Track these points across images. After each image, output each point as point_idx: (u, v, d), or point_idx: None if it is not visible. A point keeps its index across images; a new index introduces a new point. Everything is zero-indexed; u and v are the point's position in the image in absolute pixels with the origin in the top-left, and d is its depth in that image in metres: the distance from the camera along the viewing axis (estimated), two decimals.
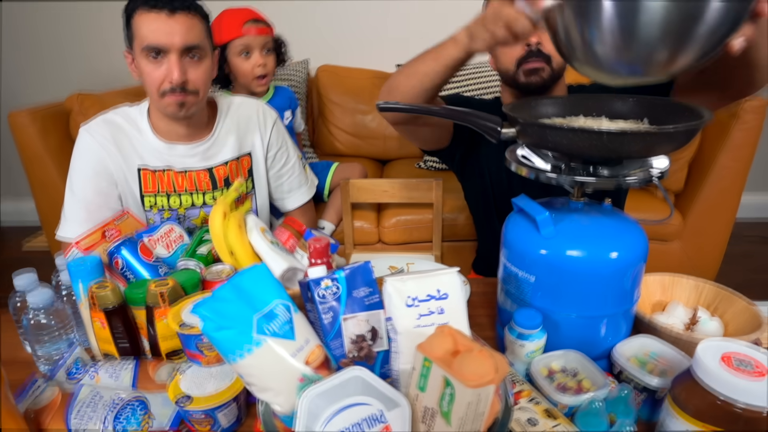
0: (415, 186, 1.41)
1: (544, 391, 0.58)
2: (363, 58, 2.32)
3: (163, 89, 0.93)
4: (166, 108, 0.95)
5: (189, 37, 0.91)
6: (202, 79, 0.96)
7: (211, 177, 1.06)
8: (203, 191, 1.05)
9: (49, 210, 1.65)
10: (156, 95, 0.94)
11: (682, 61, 0.53)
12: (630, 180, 0.60)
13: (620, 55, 0.54)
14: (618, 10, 0.50)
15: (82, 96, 1.59)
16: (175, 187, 1.04)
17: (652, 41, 0.51)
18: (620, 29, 0.51)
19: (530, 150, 0.70)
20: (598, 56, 0.55)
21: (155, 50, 0.90)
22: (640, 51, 0.53)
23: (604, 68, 0.57)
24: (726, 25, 0.50)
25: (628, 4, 0.50)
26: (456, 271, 0.56)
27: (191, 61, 0.94)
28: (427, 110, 0.68)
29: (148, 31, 0.90)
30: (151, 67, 0.92)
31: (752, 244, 2.36)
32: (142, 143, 1.01)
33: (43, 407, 0.56)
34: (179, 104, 0.94)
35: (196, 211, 1.07)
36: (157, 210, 1.04)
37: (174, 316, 0.60)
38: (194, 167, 1.04)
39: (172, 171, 1.03)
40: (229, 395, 0.56)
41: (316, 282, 0.51)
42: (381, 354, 0.54)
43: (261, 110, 1.13)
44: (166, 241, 0.82)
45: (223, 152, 1.06)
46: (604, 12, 0.51)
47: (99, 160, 0.99)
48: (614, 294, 0.62)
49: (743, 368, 0.44)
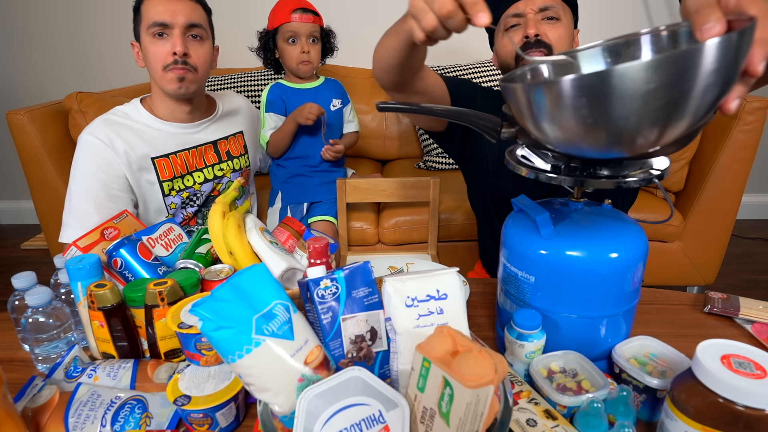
0: (412, 185, 1.41)
1: (543, 391, 0.58)
2: (363, 58, 2.32)
3: (165, 63, 1.01)
4: (167, 84, 1.03)
5: (192, 16, 1.02)
6: (203, 58, 1.05)
7: (216, 150, 1.18)
8: (211, 164, 1.18)
9: (47, 209, 1.65)
10: (159, 71, 1.02)
11: (669, 137, 0.44)
12: (630, 180, 0.60)
13: (591, 145, 0.46)
14: (584, 103, 0.41)
15: (81, 95, 1.59)
16: (187, 167, 1.13)
17: (628, 133, 0.42)
18: (590, 126, 0.42)
19: (530, 150, 0.70)
20: (564, 143, 0.48)
21: (160, 27, 0.99)
22: (614, 142, 0.44)
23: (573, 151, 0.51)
24: (713, 95, 0.40)
25: (594, 97, 0.40)
26: (456, 271, 0.56)
27: (193, 41, 1.03)
28: (427, 110, 0.68)
29: (154, 12, 0.99)
30: (155, 45, 1.01)
31: (753, 244, 2.36)
32: (151, 133, 1.08)
33: (41, 407, 0.55)
34: (179, 78, 1.02)
35: (209, 184, 1.19)
36: (177, 193, 1.12)
37: (173, 316, 0.60)
38: (203, 141, 1.15)
39: (184, 150, 1.12)
40: (228, 395, 0.55)
41: (316, 282, 0.51)
42: (380, 354, 0.54)
43: (245, 102, 1.35)
44: (164, 241, 0.82)
45: (223, 129, 1.21)
46: (565, 105, 0.41)
47: (104, 158, 1.01)
48: (614, 294, 0.62)
49: (743, 369, 0.44)
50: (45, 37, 2.46)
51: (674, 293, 0.86)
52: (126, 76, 2.46)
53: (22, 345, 0.75)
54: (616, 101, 0.39)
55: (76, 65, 2.50)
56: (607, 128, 0.42)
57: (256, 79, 2.10)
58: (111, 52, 2.47)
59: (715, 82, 0.39)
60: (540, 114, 0.45)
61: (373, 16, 2.37)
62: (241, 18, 2.35)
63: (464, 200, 1.74)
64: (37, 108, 1.57)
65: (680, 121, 0.42)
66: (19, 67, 2.52)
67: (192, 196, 1.15)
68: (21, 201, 2.76)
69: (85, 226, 0.94)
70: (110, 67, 2.49)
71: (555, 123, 0.45)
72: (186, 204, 1.15)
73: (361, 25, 2.39)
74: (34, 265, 2.25)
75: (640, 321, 0.76)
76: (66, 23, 2.42)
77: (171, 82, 1.02)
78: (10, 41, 2.46)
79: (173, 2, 0.99)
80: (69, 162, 1.02)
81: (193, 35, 1.03)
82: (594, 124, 0.42)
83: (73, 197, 1.00)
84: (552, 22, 0.92)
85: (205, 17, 1.07)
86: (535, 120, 0.46)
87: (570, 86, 0.40)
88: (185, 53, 1.01)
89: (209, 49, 1.07)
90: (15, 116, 1.51)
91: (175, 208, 1.13)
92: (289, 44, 1.52)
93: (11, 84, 2.55)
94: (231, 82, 2.12)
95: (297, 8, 1.48)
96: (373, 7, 2.35)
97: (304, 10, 1.49)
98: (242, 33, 2.07)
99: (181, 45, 1.00)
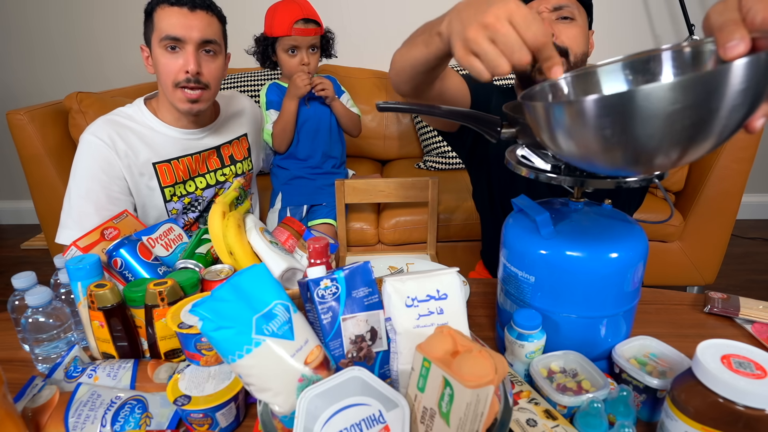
0: (411, 185, 1.41)
1: (543, 391, 0.58)
2: (363, 58, 2.32)
3: (177, 80, 0.97)
4: (178, 103, 1.00)
5: (207, 32, 0.97)
6: (214, 75, 1.02)
7: (219, 155, 1.16)
8: (214, 169, 1.15)
9: (47, 209, 1.65)
10: (170, 86, 0.98)
11: (690, 158, 0.43)
12: (630, 180, 0.60)
13: (608, 164, 0.45)
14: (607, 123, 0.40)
15: (81, 95, 1.59)
16: (189, 172, 1.10)
17: (648, 153, 0.41)
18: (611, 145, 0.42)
19: (530, 150, 0.70)
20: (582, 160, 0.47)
21: (173, 41, 0.95)
22: (632, 161, 0.43)
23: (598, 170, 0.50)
24: (740, 115, 0.39)
25: (618, 117, 0.39)
26: (456, 271, 0.56)
27: (206, 56, 0.99)
28: (427, 110, 0.68)
29: (167, 24, 0.95)
30: (167, 59, 0.97)
31: (753, 244, 2.36)
32: (154, 137, 1.05)
33: (41, 407, 0.55)
34: (192, 101, 0.99)
35: (211, 190, 1.16)
36: (178, 198, 1.10)
37: (173, 316, 0.60)
38: (207, 146, 1.12)
39: (186, 156, 1.09)
40: (228, 395, 0.55)
41: (316, 282, 0.51)
42: (380, 354, 0.54)
43: (249, 102, 1.32)
44: (164, 241, 0.82)
45: (227, 133, 1.18)
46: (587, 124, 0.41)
47: (106, 159, 0.99)
48: (614, 294, 0.62)
49: (743, 369, 0.44)
50: (43, 36, 2.45)
51: (674, 293, 0.86)
52: (126, 76, 2.46)
53: (22, 345, 0.75)
54: (639, 122, 0.38)
55: (75, 65, 2.50)
56: (627, 148, 0.42)
57: (256, 79, 2.10)
58: (110, 52, 2.47)
59: (743, 103, 0.38)
60: (559, 131, 0.44)
61: (374, 17, 2.37)
62: (240, 18, 2.35)
63: (464, 200, 1.74)
64: (37, 108, 1.57)
65: (705, 142, 0.41)
66: (18, 67, 2.51)
67: (194, 202, 1.13)
68: (21, 201, 2.76)
69: (83, 228, 0.93)
70: (109, 66, 2.49)
71: (574, 140, 0.44)
72: (187, 210, 1.13)
73: (362, 25, 2.39)
74: (34, 265, 2.25)
75: (640, 321, 0.76)
76: (64, 22, 2.42)
77: (182, 102, 0.99)
78: (8, 41, 2.46)
79: (188, 16, 0.95)
80: (69, 162, 1.01)
81: (207, 50, 0.99)
82: (615, 143, 0.41)
83: (73, 198, 0.98)
84: (566, 22, 0.89)
85: (220, 30, 1.02)
86: (552, 136, 0.46)
87: (593, 106, 0.40)
88: (198, 72, 0.97)
89: (222, 63, 1.04)
90: (15, 116, 1.51)
91: (177, 213, 1.11)
92: (289, 55, 1.49)
93: (11, 84, 2.55)
94: (231, 82, 2.12)
95: (299, 19, 1.44)
96: (373, 7, 2.35)
97: (306, 21, 1.45)
98: (242, 33, 2.07)
99: (194, 63, 0.96)
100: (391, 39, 2.37)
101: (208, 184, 1.14)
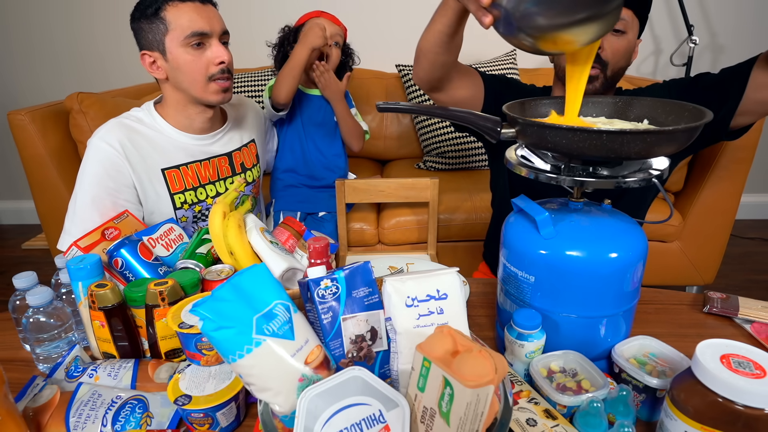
0: (410, 185, 1.41)
1: (543, 391, 0.58)
2: (363, 58, 2.32)
3: (211, 73, 0.96)
4: (212, 95, 0.99)
5: (223, 23, 0.98)
6: (232, 62, 1.02)
7: (230, 162, 1.13)
8: (224, 177, 1.12)
9: (48, 209, 1.65)
10: (202, 82, 0.97)
11: None
12: (629, 180, 0.60)
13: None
14: None
15: (82, 95, 1.59)
16: (199, 179, 1.08)
17: None
18: None
19: (530, 150, 0.70)
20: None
21: (200, 37, 0.94)
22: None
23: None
24: None
25: None
26: (456, 271, 0.56)
27: (225, 47, 1.00)
28: (427, 111, 0.68)
29: (188, 21, 0.92)
30: (194, 55, 0.95)
31: (752, 244, 2.36)
32: (164, 143, 1.02)
33: (42, 406, 0.56)
34: (224, 90, 0.99)
35: None
36: (189, 206, 1.07)
37: (173, 315, 0.60)
38: (217, 153, 1.10)
39: (196, 162, 1.07)
40: (228, 395, 0.56)
41: (316, 282, 0.51)
42: (380, 354, 0.54)
43: (254, 106, 1.30)
44: (165, 241, 0.82)
45: (236, 139, 1.15)
46: None
47: (114, 166, 0.96)
48: (614, 294, 0.62)
49: (743, 369, 0.44)
50: (44, 37, 2.45)
51: (674, 293, 0.86)
52: (126, 76, 2.46)
53: (23, 345, 0.75)
54: None
55: (75, 65, 2.50)
56: None
57: (256, 79, 2.10)
58: (110, 52, 2.47)
59: None
60: None
61: (374, 18, 2.37)
62: (240, 18, 2.35)
63: (464, 200, 1.74)
64: (37, 108, 1.57)
65: None
66: (19, 67, 2.52)
67: (205, 210, 1.10)
68: (22, 201, 2.76)
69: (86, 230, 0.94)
70: (110, 67, 2.49)
71: None
72: (198, 218, 1.11)
73: (362, 26, 2.39)
74: (35, 265, 2.25)
75: (640, 321, 0.76)
76: (64, 23, 2.42)
77: (216, 94, 0.98)
78: (9, 42, 2.46)
79: (203, 9, 0.94)
80: (70, 162, 1.01)
81: (224, 41, 0.99)
82: None
83: (78, 204, 0.95)
84: (617, 35, 0.89)
85: None
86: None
87: None
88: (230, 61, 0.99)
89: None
90: (16, 116, 1.51)
91: (186, 221, 1.08)
92: None
93: (12, 84, 2.55)
94: None
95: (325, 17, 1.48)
96: (373, 8, 2.35)
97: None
98: (242, 33, 2.08)
99: (227, 53, 0.97)
100: (391, 40, 2.38)
101: (218, 192, 1.12)
